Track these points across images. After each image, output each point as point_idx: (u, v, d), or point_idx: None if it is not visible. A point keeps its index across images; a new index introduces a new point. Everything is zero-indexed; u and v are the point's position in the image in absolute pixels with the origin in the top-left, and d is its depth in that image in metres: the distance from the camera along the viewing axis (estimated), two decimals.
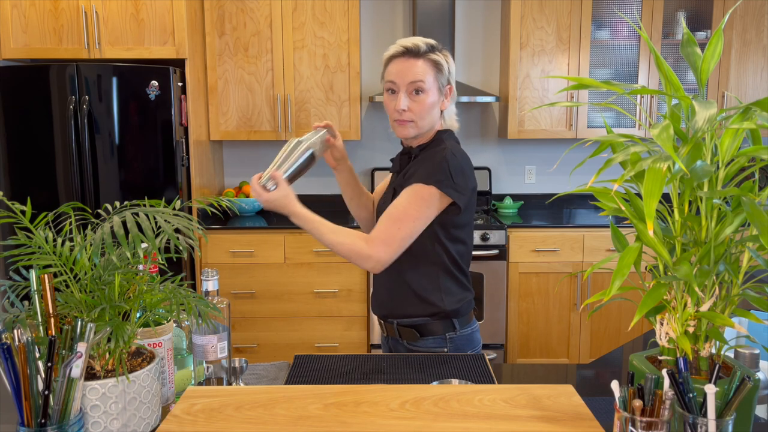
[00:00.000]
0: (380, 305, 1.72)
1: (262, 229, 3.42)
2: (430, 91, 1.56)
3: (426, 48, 1.57)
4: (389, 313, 1.68)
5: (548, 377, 1.41)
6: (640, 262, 0.93)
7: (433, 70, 1.56)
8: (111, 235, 0.95)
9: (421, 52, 1.56)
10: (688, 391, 0.85)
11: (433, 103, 1.58)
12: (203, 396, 1.12)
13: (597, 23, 3.60)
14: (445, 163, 1.53)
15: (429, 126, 1.61)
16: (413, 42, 1.57)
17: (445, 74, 1.59)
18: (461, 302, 1.64)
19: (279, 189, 1.49)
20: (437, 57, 1.57)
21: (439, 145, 1.60)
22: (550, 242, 3.42)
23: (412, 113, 1.57)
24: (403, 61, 1.57)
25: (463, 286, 1.66)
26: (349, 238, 1.51)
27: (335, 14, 3.52)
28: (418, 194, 1.52)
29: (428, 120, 1.59)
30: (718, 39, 0.93)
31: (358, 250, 1.50)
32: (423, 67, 1.56)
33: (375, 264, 1.51)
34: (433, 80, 1.57)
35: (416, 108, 1.56)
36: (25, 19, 3.20)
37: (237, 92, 3.58)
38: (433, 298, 1.61)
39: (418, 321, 1.63)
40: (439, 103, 1.60)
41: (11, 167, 3.18)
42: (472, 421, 1.02)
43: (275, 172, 1.51)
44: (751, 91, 3.62)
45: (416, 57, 1.56)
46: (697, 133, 0.84)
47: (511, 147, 3.99)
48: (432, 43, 1.59)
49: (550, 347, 3.52)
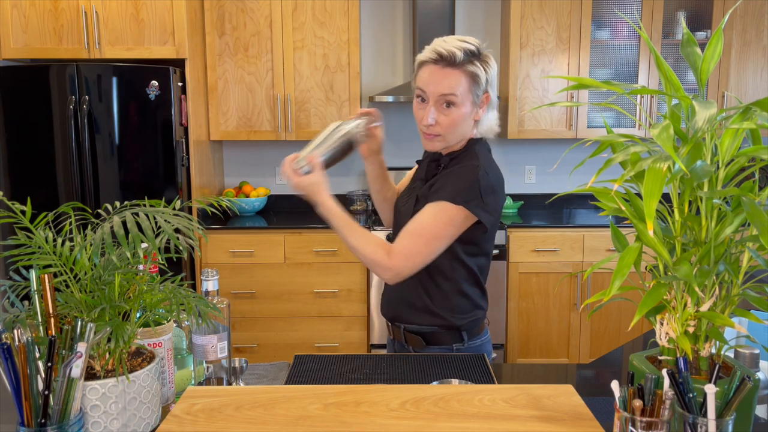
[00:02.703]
0: (389, 307, 1.67)
1: (262, 229, 3.42)
2: (463, 105, 1.44)
3: (463, 56, 1.41)
4: (396, 316, 1.64)
5: (548, 377, 1.41)
6: (640, 262, 0.93)
7: (468, 82, 1.42)
8: (111, 235, 0.95)
9: (458, 61, 1.41)
10: (688, 391, 0.85)
11: (464, 115, 1.46)
12: (203, 396, 1.12)
13: (597, 23, 3.60)
14: (477, 183, 1.45)
15: (458, 139, 1.51)
16: (449, 48, 1.41)
17: (482, 85, 1.45)
18: (470, 319, 1.59)
19: (313, 174, 1.42)
20: (475, 68, 1.42)
21: (472, 158, 1.50)
22: (550, 242, 3.42)
23: (441, 127, 1.46)
24: (436, 69, 1.43)
25: (475, 304, 1.60)
26: (371, 245, 1.45)
27: (335, 14, 3.52)
28: (445, 212, 1.45)
29: (458, 133, 1.49)
30: (718, 39, 0.93)
31: (379, 260, 1.44)
32: (457, 78, 1.42)
33: (393, 276, 1.46)
34: (467, 92, 1.43)
35: (445, 122, 1.45)
36: (25, 19, 3.20)
37: (237, 92, 3.58)
38: (442, 313, 1.57)
39: (425, 329, 1.59)
40: (473, 114, 1.48)
41: (11, 167, 3.18)
42: (472, 421, 1.02)
43: (311, 154, 1.42)
44: (751, 91, 3.62)
45: (451, 66, 1.42)
46: (697, 133, 0.84)
47: (511, 147, 3.99)
48: (471, 48, 1.43)
49: (550, 347, 3.52)
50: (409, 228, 1.47)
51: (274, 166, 4.00)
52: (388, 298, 1.68)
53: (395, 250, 1.45)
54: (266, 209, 3.91)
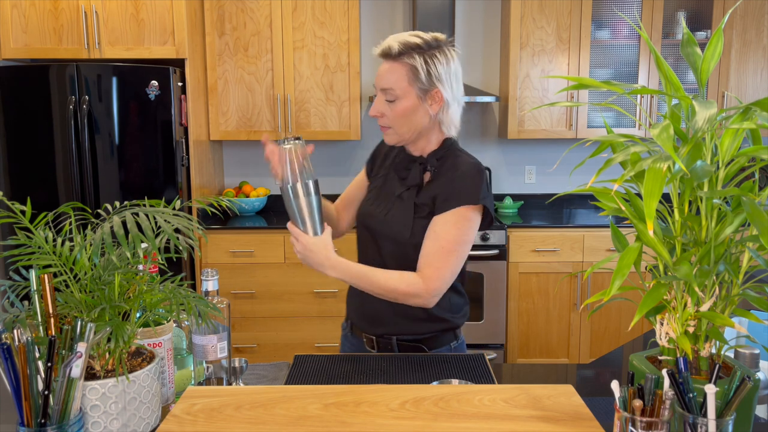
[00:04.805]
0: (377, 324, 1.58)
1: (262, 229, 3.42)
2: (405, 98, 1.44)
3: (400, 49, 1.41)
4: (387, 331, 1.57)
5: (548, 377, 1.41)
6: (640, 262, 0.93)
7: (407, 75, 1.42)
8: (111, 235, 0.95)
9: (394, 54, 1.42)
10: (688, 391, 0.85)
11: (409, 108, 1.45)
12: (203, 396, 1.12)
13: (597, 23, 3.60)
14: (482, 178, 1.46)
15: (413, 133, 1.49)
16: (389, 42, 1.43)
17: (422, 78, 1.42)
18: (465, 315, 1.61)
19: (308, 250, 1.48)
20: (413, 61, 1.42)
21: (459, 155, 1.51)
22: (550, 242, 3.42)
23: (388, 119, 1.47)
24: (383, 64, 1.45)
25: (463, 297, 1.61)
26: (403, 282, 1.43)
27: (335, 14, 3.52)
28: (464, 218, 1.44)
29: (410, 127, 1.47)
30: (718, 39, 0.93)
31: (416, 291, 1.42)
32: (395, 71, 1.43)
33: (433, 300, 1.45)
34: (408, 85, 1.43)
35: (390, 114, 1.46)
36: (25, 19, 3.20)
37: (237, 92, 3.58)
38: (443, 316, 1.56)
39: (424, 336, 1.57)
40: (423, 108, 1.46)
41: (11, 167, 3.18)
42: (472, 421, 1.02)
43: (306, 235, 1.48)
44: (751, 91, 3.62)
45: (391, 60, 1.43)
46: (697, 133, 0.84)
47: (511, 147, 3.99)
48: (414, 42, 1.42)
49: (550, 347, 3.52)
50: (435, 246, 1.44)
51: None
52: (374, 314, 1.58)
53: (428, 275, 1.43)
54: (266, 209, 3.91)
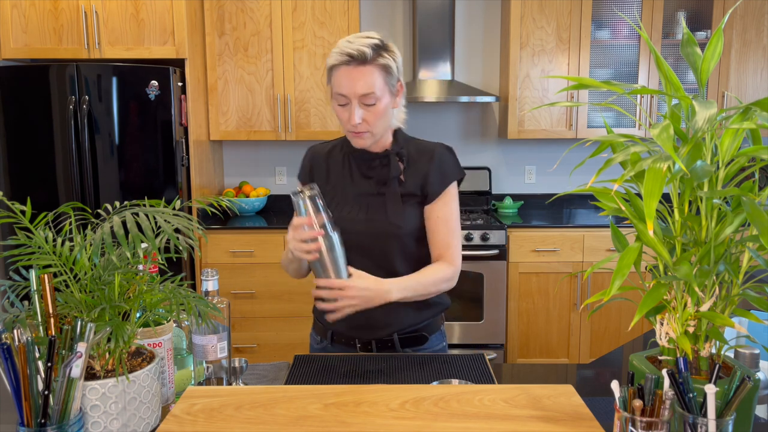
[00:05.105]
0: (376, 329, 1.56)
1: (262, 229, 3.41)
2: (382, 98, 1.47)
3: (372, 52, 1.43)
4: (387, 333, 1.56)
5: (548, 377, 1.41)
6: (640, 262, 0.93)
7: (382, 75, 1.45)
8: (111, 235, 0.95)
9: (368, 58, 1.43)
10: (688, 391, 0.85)
11: (386, 107, 1.49)
12: (203, 396, 1.12)
13: (597, 23, 3.60)
14: (451, 153, 1.59)
15: (384, 130, 1.53)
16: (357, 47, 1.42)
17: (394, 74, 1.48)
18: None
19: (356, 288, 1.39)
20: (385, 60, 1.45)
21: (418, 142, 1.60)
22: (550, 242, 3.42)
23: (368, 124, 1.48)
24: (350, 70, 1.43)
25: None
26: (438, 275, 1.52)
27: (335, 14, 3.52)
28: (454, 193, 1.58)
29: (384, 126, 1.52)
30: (718, 39, 0.93)
31: (449, 276, 1.54)
32: (371, 75, 1.44)
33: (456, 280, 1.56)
34: (384, 85, 1.46)
35: (371, 118, 1.47)
36: (25, 19, 3.20)
37: (237, 92, 3.58)
38: (437, 299, 1.60)
39: (424, 324, 1.59)
40: (392, 104, 1.52)
41: (11, 167, 3.18)
42: (472, 421, 1.02)
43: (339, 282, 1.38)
44: (751, 91, 3.62)
45: (363, 64, 1.43)
46: (697, 133, 0.84)
47: (511, 147, 3.99)
48: (375, 42, 1.45)
49: (550, 347, 3.52)
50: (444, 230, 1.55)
51: (274, 165, 4.00)
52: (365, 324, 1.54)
53: (451, 256, 1.55)
54: (266, 209, 3.91)
